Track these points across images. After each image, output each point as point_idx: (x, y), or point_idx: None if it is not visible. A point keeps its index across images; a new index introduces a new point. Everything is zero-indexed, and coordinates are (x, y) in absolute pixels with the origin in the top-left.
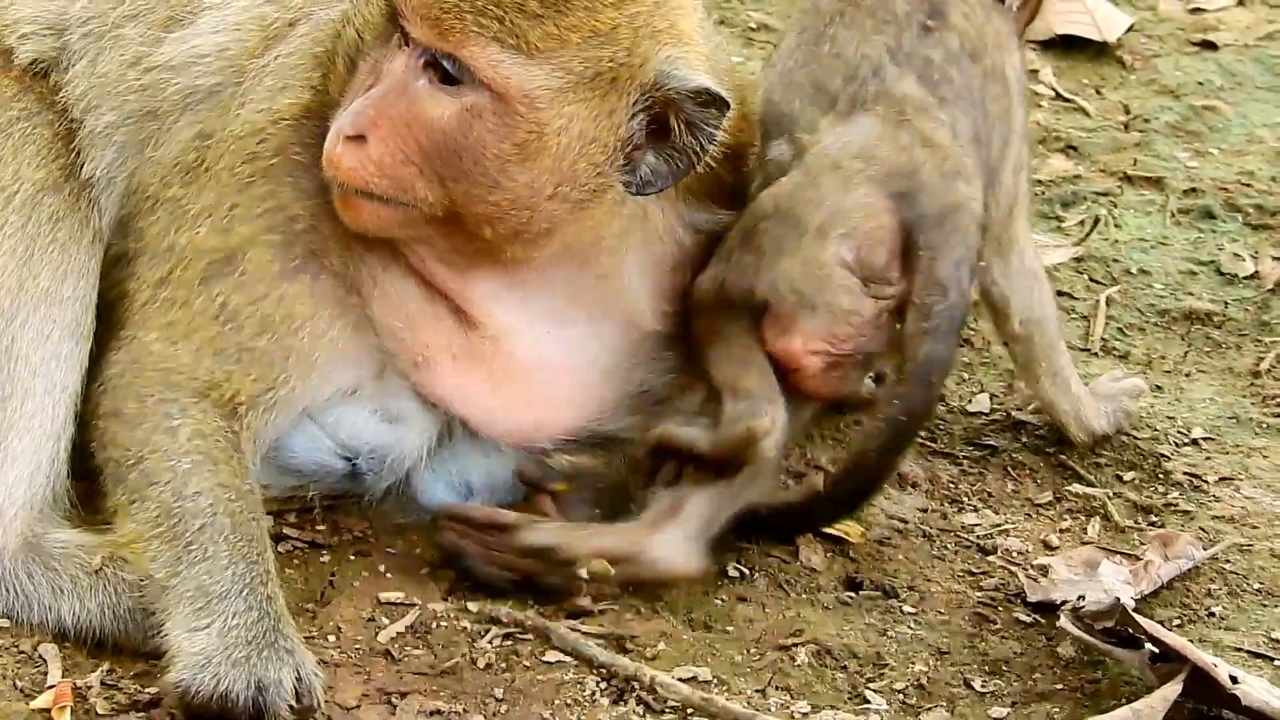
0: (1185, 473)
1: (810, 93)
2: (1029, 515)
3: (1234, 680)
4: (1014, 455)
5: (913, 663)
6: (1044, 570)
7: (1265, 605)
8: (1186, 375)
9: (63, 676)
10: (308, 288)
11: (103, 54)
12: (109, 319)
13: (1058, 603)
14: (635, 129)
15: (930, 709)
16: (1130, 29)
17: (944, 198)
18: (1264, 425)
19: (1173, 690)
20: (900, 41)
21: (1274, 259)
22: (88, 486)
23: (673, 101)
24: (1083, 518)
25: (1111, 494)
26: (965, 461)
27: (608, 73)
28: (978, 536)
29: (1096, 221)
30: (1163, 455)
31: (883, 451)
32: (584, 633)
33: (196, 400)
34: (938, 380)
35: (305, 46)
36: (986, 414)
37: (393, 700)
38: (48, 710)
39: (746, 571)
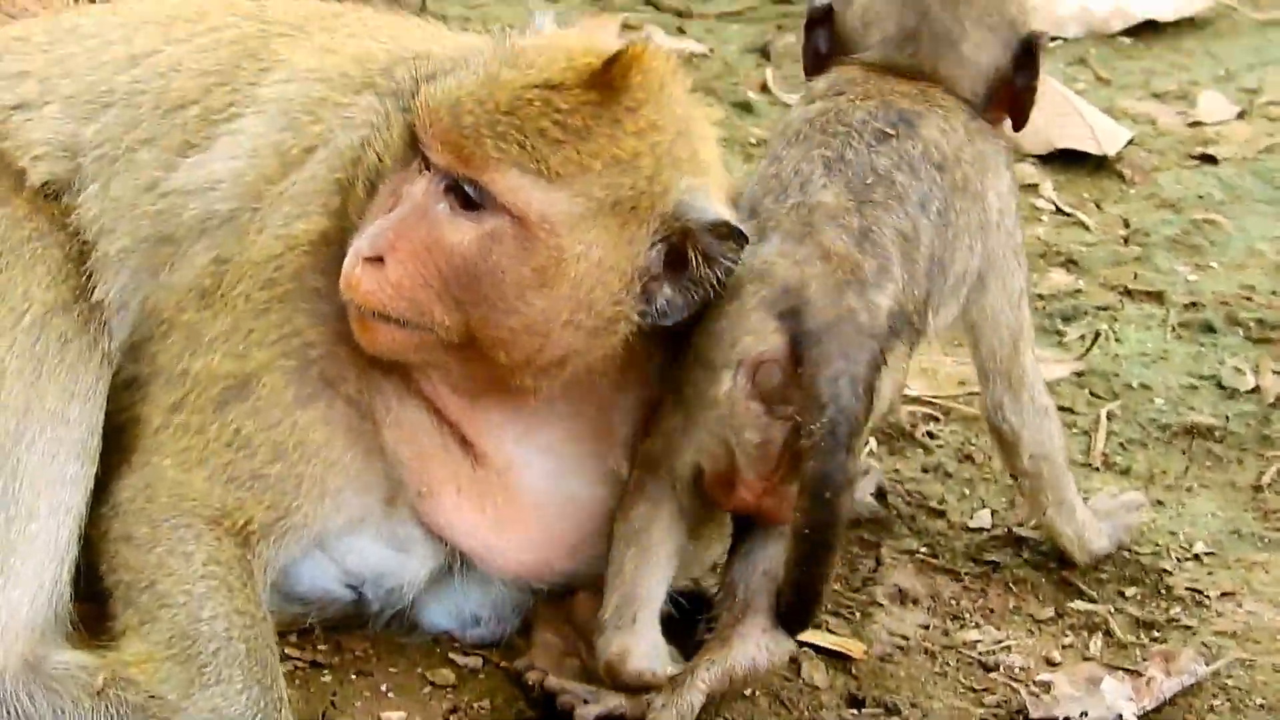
0: (1187, 588)
1: (744, 217)
2: (1031, 631)
3: None
4: (1015, 571)
5: None
6: (1046, 687)
7: None
8: (1188, 490)
9: None
10: (322, 415)
11: (116, 178)
12: (118, 442)
13: (1060, 719)
14: (653, 259)
15: None
16: (1130, 143)
17: (827, 312)
18: (1266, 540)
19: None
20: (844, 152)
21: (1275, 373)
22: (89, 608)
23: (691, 232)
24: (1085, 634)
25: (1113, 610)
26: (967, 578)
27: (628, 200)
28: (980, 653)
29: (1097, 336)
30: (1164, 570)
31: (803, 571)
32: None
33: (210, 527)
34: (833, 496)
35: (323, 172)
36: (988, 530)
37: None
38: None
39: (748, 690)
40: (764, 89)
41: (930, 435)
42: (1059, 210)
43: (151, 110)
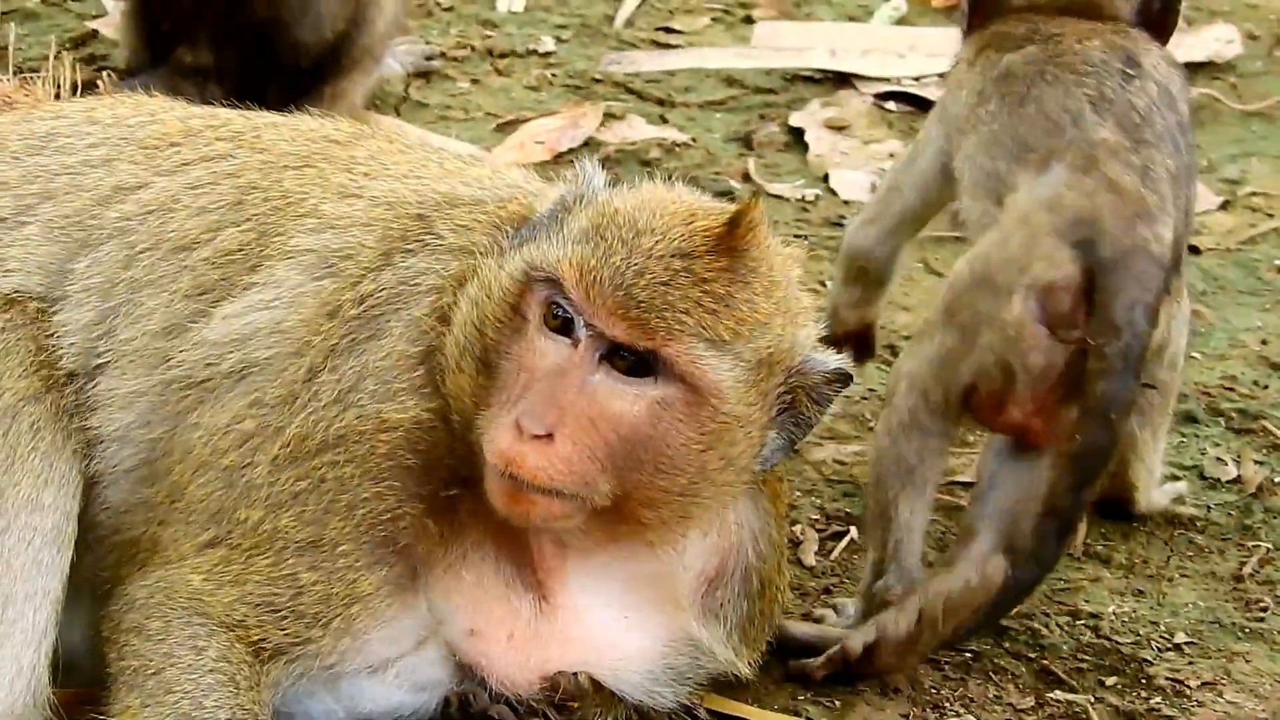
0: (1168, 678)
1: (1015, 150)
2: None
3: None
4: (996, 660)
5: None
6: None
7: None
8: (1169, 580)
9: None
10: (383, 577)
11: (119, 319)
12: (125, 554)
13: None
14: (776, 409)
15: None
16: None
17: (1122, 242)
18: (1247, 630)
19: None
20: (1102, 90)
21: (1256, 463)
22: (68, 694)
23: (808, 384)
24: None
25: (1094, 699)
26: (947, 667)
27: (768, 359)
28: None
29: None
30: (1145, 660)
31: (1070, 491)
32: None
33: (224, 631)
34: (1117, 418)
35: (402, 346)
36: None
37: None
38: None
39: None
40: (746, 178)
41: None
42: None
43: (148, 250)
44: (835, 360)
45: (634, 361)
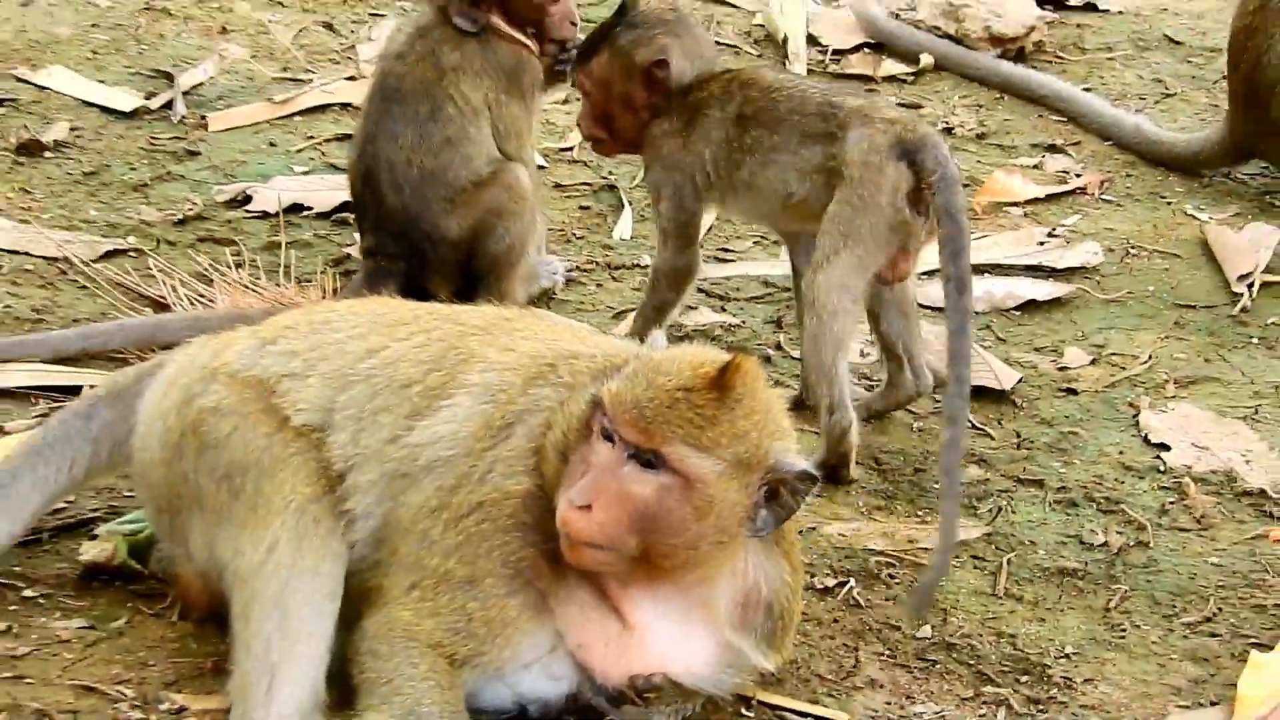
0: (1062, 676)
1: (806, 139)
2: (958, 706)
3: None
4: (948, 666)
5: None
6: None
7: None
8: (1061, 611)
9: None
10: (520, 601)
11: (363, 433)
12: (364, 600)
13: None
14: (759, 495)
15: None
16: (1020, 381)
17: (918, 136)
18: (1112, 644)
19: None
20: (816, 88)
21: (1118, 533)
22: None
23: (785, 479)
24: (994, 707)
25: (1013, 691)
26: (916, 670)
27: (745, 461)
28: None
29: (999, 510)
30: (1046, 665)
31: (954, 257)
32: None
33: (430, 650)
34: (957, 213)
35: (523, 443)
36: (929, 639)
37: None
38: None
39: None
40: (779, 347)
41: (891, 576)
42: (973, 426)
43: (384, 388)
44: (802, 464)
45: (648, 459)
